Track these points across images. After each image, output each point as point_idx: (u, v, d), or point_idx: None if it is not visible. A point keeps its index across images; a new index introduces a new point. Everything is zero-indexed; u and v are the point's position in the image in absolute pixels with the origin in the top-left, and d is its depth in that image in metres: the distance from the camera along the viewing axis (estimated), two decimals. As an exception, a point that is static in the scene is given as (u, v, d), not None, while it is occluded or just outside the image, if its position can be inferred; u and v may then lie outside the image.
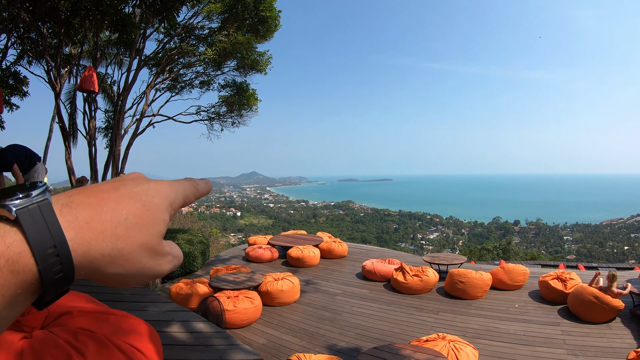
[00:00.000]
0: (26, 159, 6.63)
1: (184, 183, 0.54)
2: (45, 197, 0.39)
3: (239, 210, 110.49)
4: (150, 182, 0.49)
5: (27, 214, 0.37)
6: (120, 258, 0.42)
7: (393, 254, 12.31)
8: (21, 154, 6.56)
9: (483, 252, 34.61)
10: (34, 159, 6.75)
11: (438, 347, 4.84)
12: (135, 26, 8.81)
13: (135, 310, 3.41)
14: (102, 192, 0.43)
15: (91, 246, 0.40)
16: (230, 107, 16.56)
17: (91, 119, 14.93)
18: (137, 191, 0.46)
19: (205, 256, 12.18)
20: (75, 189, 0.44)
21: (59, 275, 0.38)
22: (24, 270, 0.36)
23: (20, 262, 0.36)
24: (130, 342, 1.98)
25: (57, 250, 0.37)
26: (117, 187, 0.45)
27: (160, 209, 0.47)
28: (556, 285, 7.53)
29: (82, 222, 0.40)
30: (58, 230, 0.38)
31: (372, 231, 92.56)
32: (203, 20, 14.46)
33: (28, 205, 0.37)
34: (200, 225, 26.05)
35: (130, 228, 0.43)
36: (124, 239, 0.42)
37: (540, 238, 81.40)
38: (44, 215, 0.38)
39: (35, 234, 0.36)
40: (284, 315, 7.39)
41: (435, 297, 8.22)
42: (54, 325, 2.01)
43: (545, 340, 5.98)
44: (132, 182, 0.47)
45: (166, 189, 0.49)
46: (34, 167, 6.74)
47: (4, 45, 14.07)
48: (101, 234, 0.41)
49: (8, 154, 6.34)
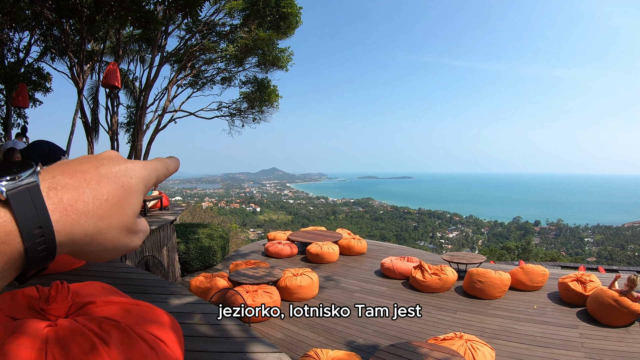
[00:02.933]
0: (50, 153, 6.73)
1: (156, 163, 0.57)
2: (34, 179, 0.42)
3: (259, 205, 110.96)
4: (127, 162, 0.52)
5: (17, 196, 0.39)
6: (99, 237, 0.46)
7: (412, 252, 12.25)
8: (44, 151, 6.63)
9: (502, 252, 34.20)
10: (58, 154, 6.85)
11: (455, 346, 4.81)
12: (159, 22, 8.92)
13: (157, 302, 3.44)
14: (84, 172, 0.46)
15: (74, 227, 0.43)
16: (252, 103, 16.63)
17: (113, 114, 15.16)
18: (115, 171, 0.49)
19: (225, 251, 12.30)
20: (56, 165, 0.47)
21: (42, 254, 0.41)
22: (12, 249, 0.39)
23: (8, 241, 0.39)
24: (153, 333, 2.01)
25: (42, 231, 0.40)
26: (97, 167, 0.48)
27: (136, 189, 0.50)
28: (575, 287, 7.41)
29: (66, 204, 0.43)
30: (44, 213, 0.40)
31: (391, 229, 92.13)
32: (224, 17, 14.54)
33: (18, 187, 0.40)
34: (220, 220, 26.29)
35: (110, 208, 0.47)
36: (104, 218, 0.46)
37: (560, 239, 79.93)
38: (32, 197, 0.40)
39: (24, 216, 0.39)
40: (302, 310, 7.41)
41: (453, 296, 8.15)
42: (79, 315, 2.05)
43: (563, 342, 5.89)
44: (110, 162, 0.50)
45: (141, 169, 0.52)
46: (58, 160, 6.85)
47: (28, 42, 14.47)
48: (84, 215, 0.44)
49: (33, 152, 6.42)
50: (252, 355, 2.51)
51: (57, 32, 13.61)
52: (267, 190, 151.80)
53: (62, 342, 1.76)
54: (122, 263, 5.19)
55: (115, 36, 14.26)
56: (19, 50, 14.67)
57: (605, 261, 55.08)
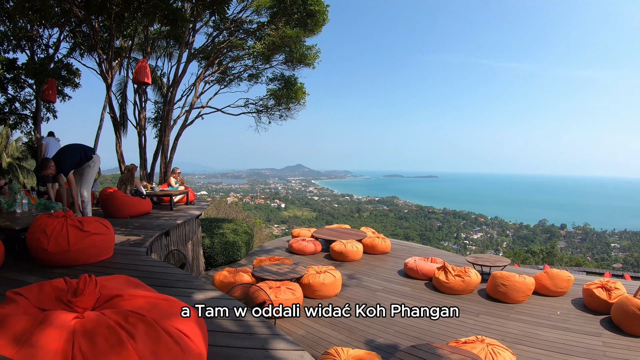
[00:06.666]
0: (82, 159, 6.80)
1: None
2: None
3: (284, 202, 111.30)
4: None
5: None
6: None
7: (436, 253, 12.11)
8: (76, 158, 6.67)
9: (527, 255, 33.60)
10: (89, 154, 6.95)
11: (476, 349, 4.73)
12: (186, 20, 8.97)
13: (181, 296, 3.50)
14: None
15: None
16: (278, 100, 16.63)
17: (141, 109, 15.43)
18: None
19: (249, 246, 12.40)
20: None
21: None
22: None
23: None
24: (178, 327, 2.03)
25: None
26: None
27: None
28: (600, 294, 7.15)
29: None
30: None
31: (415, 228, 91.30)
32: (252, 15, 14.60)
33: None
34: (244, 215, 26.48)
35: None
36: None
37: (586, 244, 77.75)
38: None
39: None
40: (324, 308, 7.41)
41: (476, 298, 8.02)
42: (105, 307, 2.09)
43: (585, 350, 5.72)
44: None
45: None
46: (90, 160, 6.97)
47: (57, 39, 14.86)
48: None
49: (66, 160, 6.42)
50: (274, 353, 2.52)
51: (86, 28, 13.91)
52: (292, 187, 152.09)
53: (89, 334, 1.80)
54: (147, 257, 5.27)
55: (143, 33, 14.48)
56: (48, 47, 15.10)
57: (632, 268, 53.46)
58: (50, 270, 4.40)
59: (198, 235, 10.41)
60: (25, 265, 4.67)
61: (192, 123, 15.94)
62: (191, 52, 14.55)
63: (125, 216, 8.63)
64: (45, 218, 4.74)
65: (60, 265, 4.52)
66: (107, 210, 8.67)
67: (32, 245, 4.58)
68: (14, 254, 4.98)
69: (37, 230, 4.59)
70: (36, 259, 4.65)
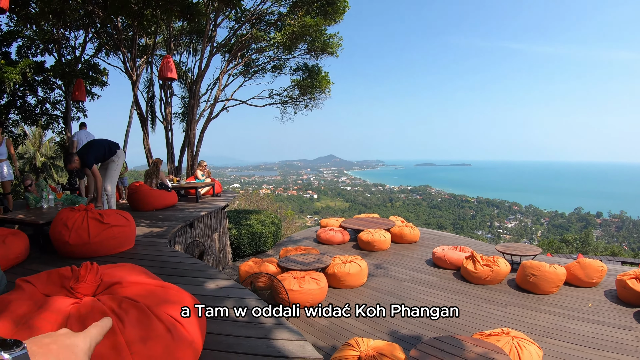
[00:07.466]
0: (105, 154, 6.94)
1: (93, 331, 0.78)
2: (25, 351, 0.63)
3: (316, 192, 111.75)
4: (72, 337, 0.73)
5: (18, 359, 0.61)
6: None
7: (465, 242, 11.89)
8: (100, 153, 6.80)
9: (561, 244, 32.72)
10: (113, 149, 7.07)
11: (501, 342, 4.58)
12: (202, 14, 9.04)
13: (193, 285, 3.51)
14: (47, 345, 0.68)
15: None
16: (303, 90, 16.60)
17: (167, 105, 15.67)
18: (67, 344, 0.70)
19: (277, 237, 12.47)
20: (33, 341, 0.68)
21: None
22: None
23: None
24: (172, 314, 2.03)
25: None
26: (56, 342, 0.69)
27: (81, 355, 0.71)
28: (634, 285, 6.78)
29: None
30: None
31: (448, 217, 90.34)
32: (272, 6, 14.56)
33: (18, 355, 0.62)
34: (276, 206, 26.68)
35: None
36: None
37: (623, 232, 75.08)
38: None
39: None
40: (349, 298, 7.36)
41: (505, 289, 7.80)
42: (104, 294, 2.10)
43: (616, 345, 5.45)
44: (63, 337, 0.71)
45: (82, 342, 0.73)
46: (114, 154, 7.10)
47: (83, 40, 15.29)
48: None
49: (90, 154, 6.54)
50: (276, 342, 2.49)
51: (110, 28, 14.20)
52: (325, 177, 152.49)
53: (82, 318, 1.82)
54: (167, 248, 5.33)
55: (166, 30, 14.66)
56: (75, 48, 15.55)
57: (670, 258, 51.37)
58: (71, 262, 4.48)
59: (225, 226, 10.51)
60: (48, 257, 4.81)
61: (218, 116, 16.12)
62: (214, 46, 14.65)
63: (150, 209, 8.79)
64: (67, 211, 4.85)
65: (82, 257, 4.61)
66: (133, 203, 8.86)
67: (55, 237, 4.70)
68: (38, 247, 5.13)
69: (59, 224, 4.70)
70: (59, 251, 4.77)
